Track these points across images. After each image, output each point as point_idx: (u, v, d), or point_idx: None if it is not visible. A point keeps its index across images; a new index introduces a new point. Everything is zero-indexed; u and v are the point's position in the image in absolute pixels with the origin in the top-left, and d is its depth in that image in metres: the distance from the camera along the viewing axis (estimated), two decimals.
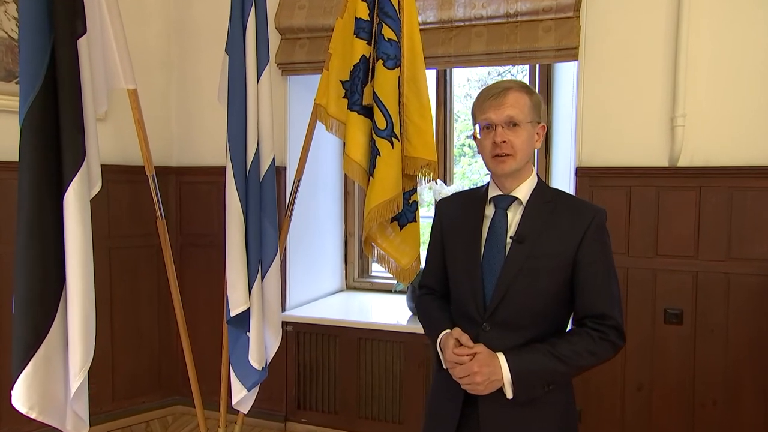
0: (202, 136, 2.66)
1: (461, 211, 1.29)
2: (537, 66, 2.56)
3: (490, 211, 1.24)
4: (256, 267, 1.76)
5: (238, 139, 1.73)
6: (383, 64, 1.71)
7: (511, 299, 1.16)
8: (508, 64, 2.40)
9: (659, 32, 2.06)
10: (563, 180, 2.39)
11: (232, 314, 1.72)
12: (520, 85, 1.21)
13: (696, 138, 2.02)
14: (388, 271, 1.89)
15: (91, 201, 1.50)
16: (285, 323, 2.45)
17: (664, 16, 2.05)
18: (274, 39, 2.41)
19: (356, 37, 1.77)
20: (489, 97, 1.20)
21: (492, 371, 1.12)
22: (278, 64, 2.45)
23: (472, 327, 1.18)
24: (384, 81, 1.72)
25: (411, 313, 2.50)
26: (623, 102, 2.10)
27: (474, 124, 1.23)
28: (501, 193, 1.24)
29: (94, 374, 1.61)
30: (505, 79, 1.29)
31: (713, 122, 2.02)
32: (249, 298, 1.74)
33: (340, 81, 1.86)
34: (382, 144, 1.72)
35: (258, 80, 1.75)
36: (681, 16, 2.00)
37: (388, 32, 1.71)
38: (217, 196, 2.48)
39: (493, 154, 1.20)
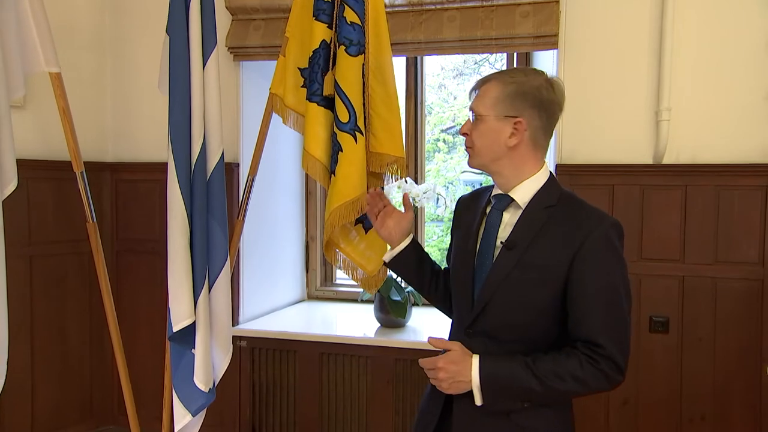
0: (142, 128, 2.60)
1: (470, 209, 1.31)
2: (515, 55, 2.59)
3: (489, 210, 1.25)
4: (202, 275, 1.71)
5: (181, 131, 1.69)
6: (345, 50, 1.69)
7: (494, 309, 1.16)
8: (484, 52, 2.43)
9: (643, 20, 2.11)
10: None
11: (175, 329, 1.68)
12: (499, 75, 1.20)
13: (682, 133, 2.08)
14: (353, 279, 1.88)
15: (5, 201, 1.43)
16: (237, 338, 2.42)
17: (648, 4, 2.10)
18: (224, 19, 2.39)
19: (316, 19, 1.74)
20: (472, 89, 1.22)
21: (459, 371, 1.12)
22: (229, 48, 2.41)
23: (460, 331, 1.21)
24: (346, 69, 1.69)
25: (379, 325, 2.50)
26: (605, 94, 2.15)
27: None
28: (500, 191, 1.24)
29: (8, 404, 1.53)
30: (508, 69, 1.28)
31: (699, 117, 2.09)
32: (194, 311, 1.70)
33: (299, 68, 1.84)
34: (344, 139, 1.70)
35: (204, 65, 1.71)
36: (666, 4, 2.05)
37: (350, 15, 1.69)
38: (160, 196, 2.42)
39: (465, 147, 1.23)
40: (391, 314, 2.43)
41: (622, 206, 2.12)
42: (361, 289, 2.60)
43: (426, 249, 1.55)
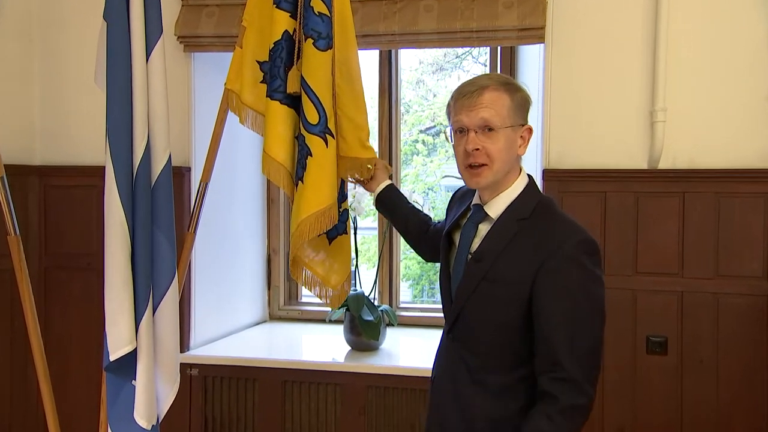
0: (76, 126, 2.54)
1: (459, 205, 1.42)
2: (498, 49, 2.61)
3: (466, 219, 1.34)
4: (145, 295, 1.66)
5: (122, 131, 1.64)
6: (313, 44, 1.67)
7: (466, 320, 1.26)
8: (463, 46, 2.44)
9: (637, 13, 2.14)
10: None
11: (112, 358, 1.62)
12: (499, 82, 1.24)
13: (678, 136, 2.11)
14: (316, 296, 1.87)
15: None
16: (187, 366, 2.37)
17: None
18: (173, 5, 2.36)
19: (277, 7, 1.72)
20: (462, 95, 1.23)
21: None
22: (179, 38, 2.38)
23: (445, 332, 1.37)
24: (315, 65, 1.67)
25: (349, 348, 2.48)
26: (596, 93, 2.17)
27: (448, 126, 1.29)
28: (479, 202, 1.31)
29: None
30: (485, 73, 1.37)
31: (697, 118, 2.12)
32: (135, 336, 1.64)
33: (257, 61, 1.82)
34: (314, 142, 1.68)
35: (148, 57, 1.66)
36: None
37: (318, 4, 1.67)
38: (97, 204, 2.39)
39: (466, 164, 1.24)
40: (363, 336, 2.42)
41: (615, 215, 2.14)
42: (329, 308, 2.58)
43: (402, 262, 1.76)
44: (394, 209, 1.72)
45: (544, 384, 1.16)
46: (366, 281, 2.69)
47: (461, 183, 1.49)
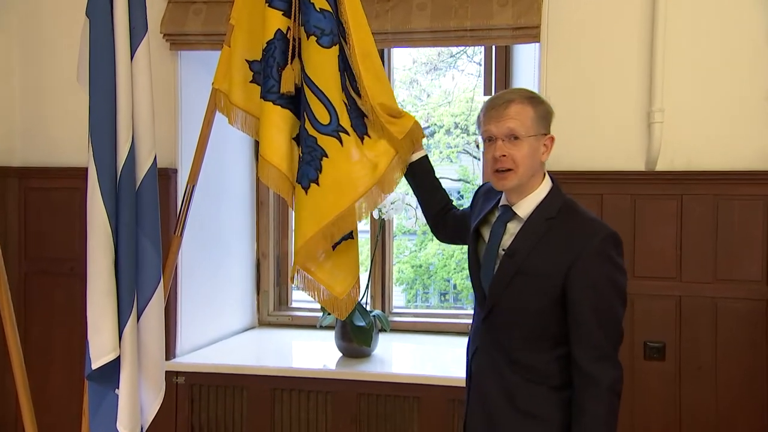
0: (58, 126, 2.53)
1: (482, 204, 1.58)
2: (493, 48, 2.61)
3: (494, 218, 1.51)
4: (129, 301, 1.65)
5: (105, 132, 1.63)
6: (317, 41, 1.66)
7: (501, 310, 1.44)
8: (458, 45, 2.44)
9: (634, 12, 2.15)
10: None
11: (94, 366, 1.60)
12: (524, 96, 1.42)
13: (676, 137, 2.12)
14: (319, 302, 1.80)
15: None
16: (173, 374, 2.36)
17: None
18: (158, 2, 2.36)
19: (269, 6, 1.71)
20: (491, 108, 1.43)
21: None
22: (165, 35, 2.37)
23: (479, 319, 1.51)
24: (321, 64, 1.67)
25: (341, 354, 2.47)
26: (592, 93, 2.18)
27: (478, 135, 1.50)
28: (507, 203, 1.47)
29: None
30: (512, 88, 1.50)
31: (695, 118, 2.13)
32: (119, 344, 1.63)
33: (247, 61, 1.81)
34: (327, 142, 1.67)
35: (132, 55, 1.65)
36: None
37: (319, 1, 1.67)
38: (79, 207, 2.33)
39: (494, 169, 1.42)
40: (355, 342, 2.41)
41: (612, 217, 2.14)
42: (320, 314, 2.58)
43: (396, 266, 1.78)
44: (423, 181, 1.77)
45: (585, 365, 1.35)
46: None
47: (455, 185, 1.56)
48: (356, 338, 2.40)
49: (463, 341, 2.70)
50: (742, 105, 2.09)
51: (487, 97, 1.49)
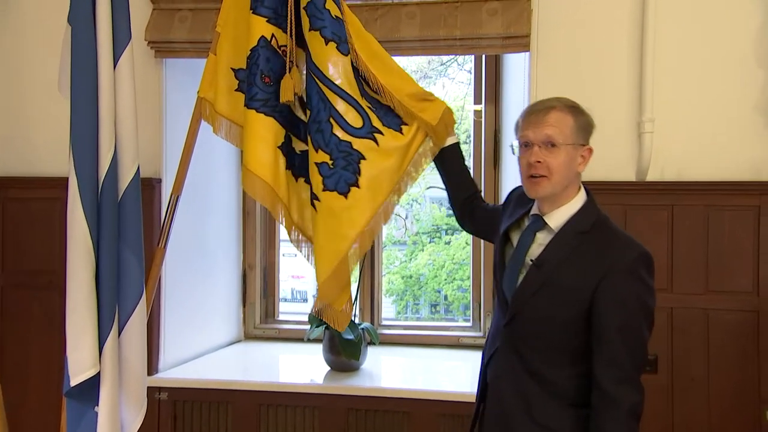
0: (37, 135, 2.50)
1: (513, 208, 1.57)
2: (483, 57, 2.63)
3: (524, 224, 1.51)
4: (110, 315, 1.63)
5: (86, 141, 1.62)
6: (336, 47, 1.68)
7: (523, 320, 1.42)
8: (447, 54, 2.45)
9: (623, 21, 2.18)
10: None
11: (73, 383, 1.59)
12: (565, 104, 1.43)
13: (666, 147, 2.14)
14: (325, 319, 1.79)
15: None
16: (156, 389, 2.33)
17: (629, 3, 2.17)
18: (143, 8, 2.35)
19: (254, 12, 1.72)
20: (530, 113, 1.44)
21: None
22: (150, 43, 2.36)
23: (500, 326, 1.49)
24: (346, 70, 1.70)
25: (329, 368, 2.45)
26: (582, 102, 2.12)
27: (515, 140, 1.48)
28: (538, 212, 1.46)
29: None
30: (555, 96, 1.47)
31: (685, 128, 2.15)
32: (99, 360, 1.61)
33: (232, 69, 1.81)
34: (363, 145, 1.71)
35: (115, 64, 1.66)
36: (647, 4, 2.12)
37: (333, 8, 1.69)
38: (60, 219, 2.30)
39: (528, 175, 1.42)
40: (343, 355, 2.40)
41: None
42: (307, 326, 2.55)
43: (385, 277, 1.77)
44: (453, 167, 1.78)
45: (606, 386, 1.32)
46: None
47: (445, 194, 1.67)
48: (345, 351, 2.38)
49: (454, 354, 2.72)
50: (732, 115, 2.11)
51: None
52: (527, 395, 1.42)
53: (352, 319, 2.47)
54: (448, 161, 1.77)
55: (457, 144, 1.78)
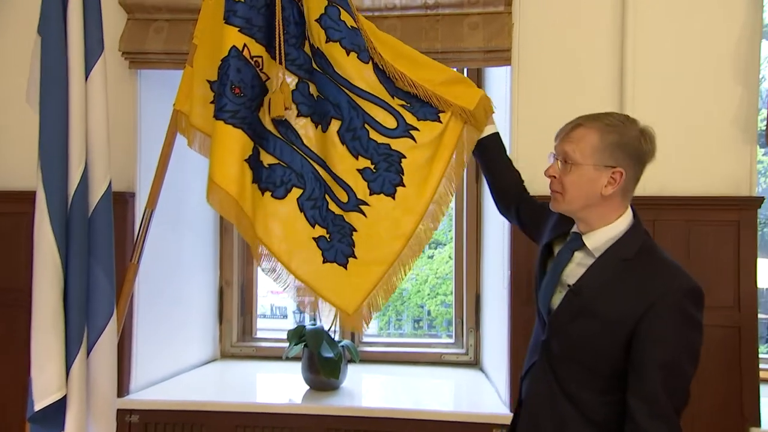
0: (5, 147, 2.46)
1: (561, 221, 1.50)
2: (465, 71, 2.65)
3: (564, 241, 1.47)
4: (78, 336, 1.60)
5: (55, 155, 1.59)
6: (357, 57, 1.73)
7: (560, 344, 1.40)
8: None
9: (603, 36, 2.21)
10: (495, 210, 2.45)
11: (37, 407, 1.55)
12: (595, 121, 1.37)
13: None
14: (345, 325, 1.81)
15: None
16: (127, 412, 2.28)
17: (608, 19, 2.21)
18: (118, 18, 2.34)
19: (225, 22, 1.71)
20: (563, 126, 1.42)
21: None
22: (124, 53, 2.34)
23: (539, 339, 1.46)
24: (369, 76, 1.75)
25: (308, 387, 2.43)
26: (563, 117, 2.14)
27: None
28: (577, 230, 1.43)
29: None
30: (603, 112, 1.42)
31: (666, 143, 2.14)
32: (66, 382, 1.57)
33: (208, 81, 1.80)
34: (401, 144, 1.75)
35: (87, 76, 1.64)
36: (626, 19, 2.16)
37: (349, 19, 1.73)
38: (27, 234, 2.25)
39: (550, 188, 1.42)
40: (322, 374, 2.38)
41: None
42: (286, 344, 2.53)
43: None
44: (494, 158, 1.76)
45: (640, 419, 1.27)
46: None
47: None
48: (324, 370, 2.36)
49: (436, 372, 2.71)
50: (711, 131, 2.15)
51: None
52: (563, 418, 1.38)
53: (331, 336, 2.47)
54: (489, 152, 1.75)
55: (497, 134, 1.76)
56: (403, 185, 1.75)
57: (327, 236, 1.77)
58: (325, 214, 1.78)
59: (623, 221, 1.38)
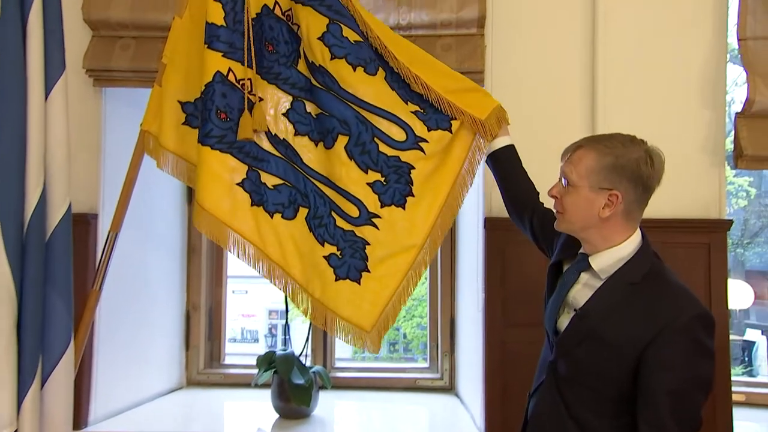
0: None
1: (571, 240, 1.49)
2: None
3: (573, 260, 1.46)
4: (32, 367, 1.55)
5: (11, 178, 1.55)
6: (364, 71, 1.76)
7: (567, 365, 1.39)
8: None
9: (574, 59, 2.26)
10: (470, 233, 2.46)
11: None
12: (595, 143, 1.39)
13: None
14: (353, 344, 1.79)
15: None
16: None
17: (578, 43, 2.26)
18: (82, 35, 2.31)
19: (209, 47, 1.72)
20: (568, 146, 1.44)
21: None
22: (88, 71, 2.31)
23: (546, 361, 1.47)
24: (377, 89, 1.77)
25: (278, 416, 2.39)
26: (536, 139, 2.23)
27: None
28: (584, 251, 1.43)
29: None
30: (612, 134, 1.43)
31: None
32: (17, 416, 1.51)
33: (179, 102, 1.80)
34: (411, 156, 1.77)
35: (47, 96, 1.61)
36: (596, 44, 2.22)
37: (351, 34, 1.76)
38: None
39: (554, 207, 1.46)
40: (293, 402, 2.35)
41: None
42: (255, 371, 2.48)
43: None
44: (506, 172, 1.77)
45: None
46: (300, 336, 2.62)
47: None
48: (295, 397, 2.33)
49: (411, 398, 2.69)
50: (681, 155, 2.20)
51: None
52: None
53: (302, 362, 2.43)
54: (502, 164, 1.77)
55: (512, 147, 1.77)
56: (413, 195, 1.77)
57: (338, 253, 1.77)
58: (333, 231, 1.78)
59: (630, 244, 1.38)
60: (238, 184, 1.73)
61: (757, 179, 8.31)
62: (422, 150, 1.77)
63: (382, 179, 1.77)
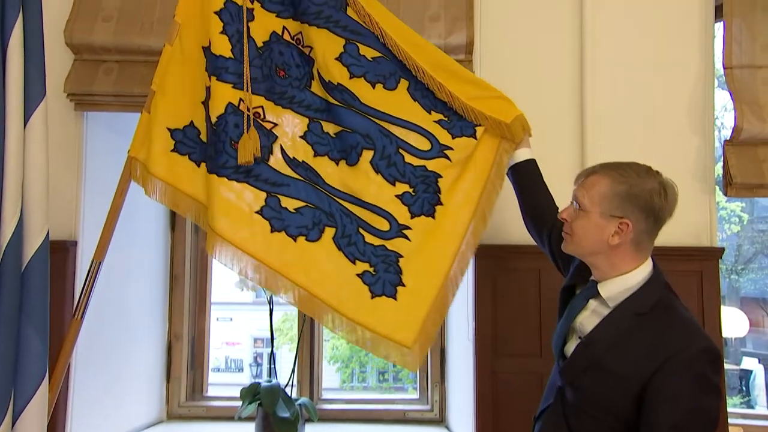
0: None
1: (585, 267, 1.49)
2: None
3: (583, 286, 1.48)
4: (4, 404, 1.53)
5: None
6: (384, 87, 1.81)
7: (572, 393, 1.40)
8: None
9: (563, 84, 2.29)
10: None
11: None
12: (610, 169, 1.40)
13: None
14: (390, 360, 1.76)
15: None
16: None
17: (568, 69, 2.29)
18: (64, 59, 2.31)
19: (217, 79, 1.75)
20: (582, 170, 1.46)
21: None
22: (69, 95, 2.31)
23: (555, 385, 1.48)
24: (399, 102, 1.81)
25: None
26: None
27: None
28: (594, 278, 1.44)
29: None
30: (623, 162, 1.44)
31: None
32: None
33: (168, 129, 1.81)
34: (437, 165, 1.80)
35: (26, 122, 1.61)
36: (585, 72, 2.25)
37: (369, 51, 1.81)
38: None
39: (562, 229, 1.47)
40: None
41: (550, 294, 2.15)
42: (239, 403, 2.44)
43: (329, 342, 1.78)
44: (528, 188, 1.78)
45: None
46: (287, 364, 2.59)
47: None
48: (280, 431, 2.28)
49: (400, 430, 2.64)
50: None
51: None
52: None
53: (288, 394, 2.40)
54: (522, 177, 1.78)
55: (533, 161, 1.78)
56: (442, 204, 1.79)
57: (371, 270, 1.76)
58: (363, 248, 1.78)
59: (639, 273, 1.38)
60: (257, 212, 1.75)
61: (749, 205, 8.41)
62: (448, 158, 1.79)
63: (411, 190, 1.80)
